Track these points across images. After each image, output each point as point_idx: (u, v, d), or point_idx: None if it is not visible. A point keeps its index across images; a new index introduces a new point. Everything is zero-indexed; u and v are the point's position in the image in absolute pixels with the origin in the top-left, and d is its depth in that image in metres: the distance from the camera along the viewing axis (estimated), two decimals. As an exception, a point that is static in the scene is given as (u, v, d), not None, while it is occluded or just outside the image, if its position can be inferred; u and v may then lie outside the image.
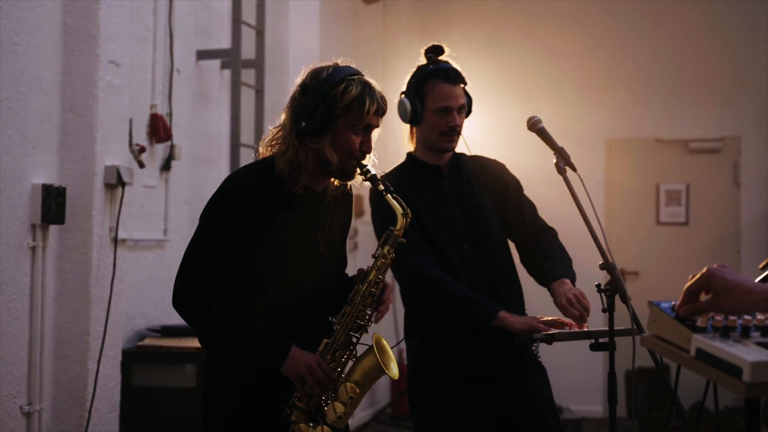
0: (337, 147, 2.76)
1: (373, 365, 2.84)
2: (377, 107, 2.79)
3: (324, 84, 2.76)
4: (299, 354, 2.73)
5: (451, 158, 3.48)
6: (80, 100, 4.16)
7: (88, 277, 4.15)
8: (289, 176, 2.78)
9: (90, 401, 4.12)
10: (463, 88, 3.44)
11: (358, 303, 2.81)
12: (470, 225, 3.40)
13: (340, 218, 2.99)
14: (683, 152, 8.47)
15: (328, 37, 6.99)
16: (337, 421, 2.79)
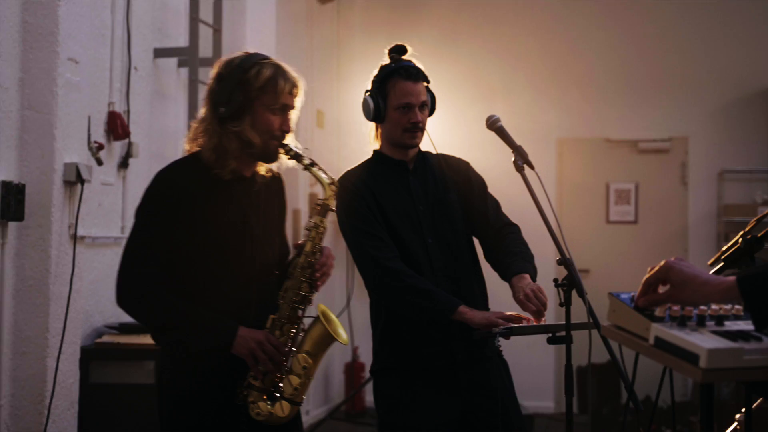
0: (257, 128, 2.88)
1: (322, 334, 2.96)
2: (291, 87, 2.91)
3: (237, 69, 2.89)
4: (247, 332, 2.82)
5: (417, 155, 3.55)
6: (39, 97, 4.15)
7: (47, 274, 4.14)
8: (215, 162, 2.89)
9: (49, 398, 4.11)
10: (426, 86, 3.51)
11: (297, 275, 2.93)
12: (434, 219, 3.46)
13: (273, 203, 3.09)
14: (632, 152, 8.62)
15: (284, 36, 7.03)
16: (294, 394, 2.89)
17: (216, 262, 2.88)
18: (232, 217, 2.91)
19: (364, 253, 3.38)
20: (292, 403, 2.89)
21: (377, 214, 3.39)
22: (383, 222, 3.39)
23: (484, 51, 8.78)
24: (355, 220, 3.40)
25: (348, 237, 3.43)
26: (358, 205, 3.39)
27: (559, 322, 3.12)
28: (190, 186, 2.87)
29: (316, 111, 8.08)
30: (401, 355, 3.40)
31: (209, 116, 2.92)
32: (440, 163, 3.58)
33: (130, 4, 5.09)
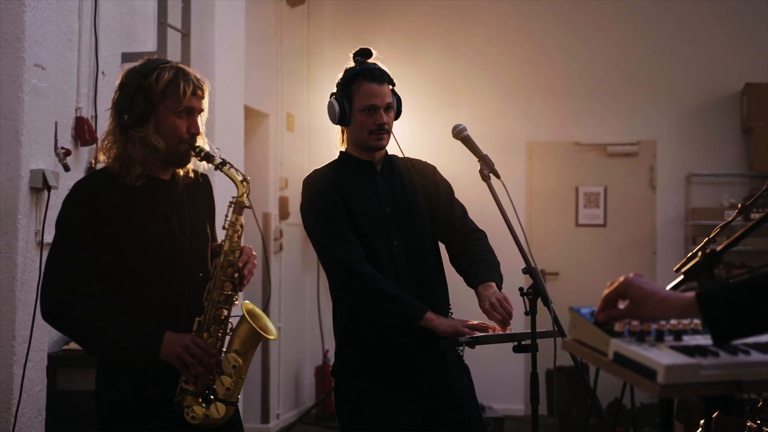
0: (162, 133, 2.88)
1: (249, 332, 2.97)
2: (193, 88, 2.90)
3: (136, 75, 2.90)
4: (173, 337, 2.82)
5: (384, 157, 3.55)
6: (6, 103, 4.13)
7: (13, 281, 4.12)
8: (120, 171, 2.89)
9: (16, 406, 4.10)
10: (391, 89, 3.51)
11: (218, 275, 2.93)
12: (401, 221, 3.46)
13: (198, 204, 3.09)
14: (601, 156, 8.67)
15: (253, 39, 7.02)
16: (227, 394, 2.91)
17: (140, 268, 2.88)
18: (153, 222, 2.91)
19: (331, 255, 3.37)
20: (226, 404, 2.91)
21: (344, 213, 3.39)
22: (349, 222, 3.39)
23: (453, 55, 8.82)
24: (321, 220, 3.39)
25: (314, 237, 3.43)
26: (325, 204, 3.38)
27: (525, 331, 3.14)
28: (103, 196, 2.87)
29: (286, 114, 8.07)
30: (362, 357, 3.40)
31: (113, 125, 2.93)
32: (407, 166, 3.59)
33: (98, 8, 5.06)
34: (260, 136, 7.76)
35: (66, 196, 2.95)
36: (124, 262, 2.87)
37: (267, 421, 7.76)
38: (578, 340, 1.85)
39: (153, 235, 2.90)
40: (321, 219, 3.39)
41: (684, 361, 1.66)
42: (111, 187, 2.88)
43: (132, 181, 2.88)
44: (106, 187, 2.89)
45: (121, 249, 2.86)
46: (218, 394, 2.89)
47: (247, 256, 2.98)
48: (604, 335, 1.77)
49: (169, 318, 2.88)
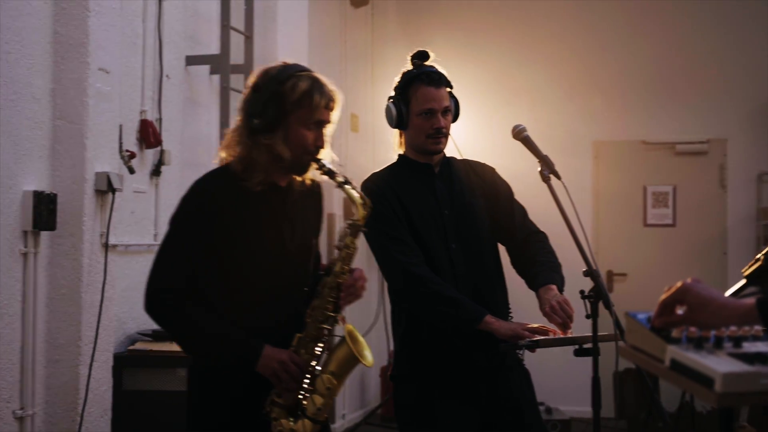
0: (289, 143, 2.81)
1: (347, 355, 2.90)
2: (327, 101, 2.83)
3: (273, 81, 2.82)
4: (272, 352, 2.78)
5: (442, 160, 3.53)
6: (70, 107, 4.20)
7: (79, 282, 4.19)
8: (243, 174, 2.83)
9: (82, 405, 4.16)
10: (449, 92, 3.48)
11: (326, 295, 2.87)
12: (459, 224, 3.43)
13: (309, 213, 3.03)
14: (670, 154, 8.52)
15: (316, 41, 7.03)
16: (317, 413, 2.85)
17: (246, 274, 2.85)
18: (266, 231, 2.87)
19: (389, 258, 3.36)
20: (314, 422, 2.86)
21: (401, 216, 3.37)
22: (407, 225, 3.37)
23: (516, 55, 8.72)
24: (379, 223, 3.35)
25: (372, 241, 3.40)
26: (383, 207, 3.34)
27: (586, 334, 3.09)
28: (223, 198, 2.83)
29: (350, 115, 8.08)
30: (420, 361, 3.38)
31: (242, 126, 2.86)
32: (466, 168, 3.56)
33: (162, 12, 5.13)
34: (324, 137, 7.78)
35: (187, 193, 2.89)
36: (233, 267, 2.84)
37: (333, 421, 7.77)
38: (635, 347, 1.81)
39: (265, 243, 2.86)
40: (379, 222, 3.36)
41: (743, 369, 1.61)
42: (231, 190, 2.83)
43: (253, 186, 2.84)
44: (226, 190, 2.84)
45: (233, 253, 2.82)
46: (308, 412, 2.85)
47: (354, 279, 2.91)
48: (661, 342, 1.73)
49: (269, 328, 2.84)
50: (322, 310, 2.87)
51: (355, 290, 2.92)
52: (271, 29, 5.94)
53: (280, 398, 2.82)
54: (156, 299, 2.83)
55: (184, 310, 2.81)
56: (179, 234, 2.86)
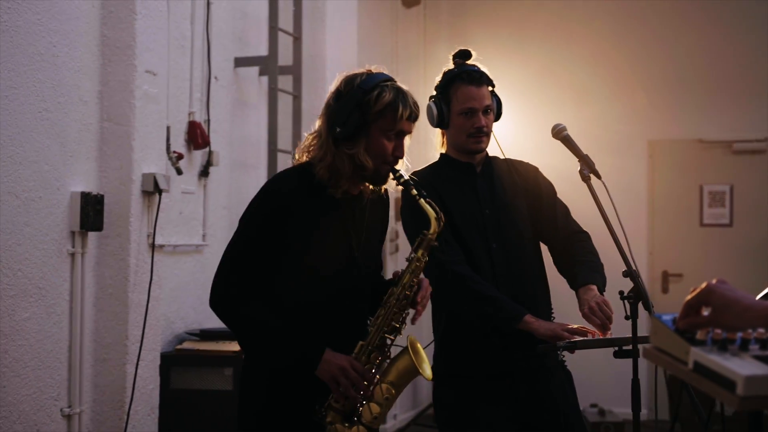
0: (371, 152, 2.81)
1: (408, 366, 2.88)
2: (410, 113, 2.83)
3: (358, 90, 2.81)
4: (332, 357, 2.77)
5: (484, 159, 3.50)
6: (118, 109, 4.26)
7: (126, 282, 4.24)
8: (329, 181, 2.83)
9: (129, 404, 4.21)
10: (491, 91, 3.46)
11: (392, 305, 2.86)
12: (500, 224, 3.41)
13: (376, 222, 3.03)
14: (726, 153, 8.37)
15: (366, 42, 7.03)
16: (373, 422, 2.83)
17: (312, 279, 2.84)
18: (335, 236, 2.87)
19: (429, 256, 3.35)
20: (369, 430, 2.84)
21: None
22: (448, 224, 3.35)
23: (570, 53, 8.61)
24: (419, 221, 3.36)
25: (412, 237, 3.40)
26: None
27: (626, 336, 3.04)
28: (297, 200, 2.82)
29: (403, 116, 8.06)
30: (459, 361, 3.37)
31: (325, 133, 2.86)
32: (508, 167, 3.53)
33: (210, 14, 5.17)
34: (375, 138, 7.79)
35: (260, 191, 2.91)
36: (297, 270, 2.83)
37: (384, 421, 7.76)
38: (659, 348, 1.77)
39: (333, 249, 2.86)
40: (419, 221, 3.36)
41: (766, 372, 1.57)
42: (308, 193, 2.84)
43: (336, 194, 2.84)
44: (303, 192, 2.84)
45: (299, 257, 2.82)
46: (364, 419, 2.82)
47: (424, 290, 2.91)
48: (685, 343, 1.69)
49: (331, 333, 2.84)
50: (388, 320, 2.86)
51: (426, 301, 2.92)
52: (319, 30, 5.96)
53: (338, 403, 2.81)
54: (221, 296, 2.85)
55: (248, 309, 2.82)
56: (248, 232, 2.86)
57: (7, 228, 3.66)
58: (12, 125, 3.69)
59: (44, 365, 3.89)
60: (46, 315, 3.90)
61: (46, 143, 3.88)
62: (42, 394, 3.88)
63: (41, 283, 3.86)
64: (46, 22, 3.88)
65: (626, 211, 3.37)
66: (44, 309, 3.88)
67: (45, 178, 3.88)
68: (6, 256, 3.65)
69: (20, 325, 3.74)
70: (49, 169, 3.91)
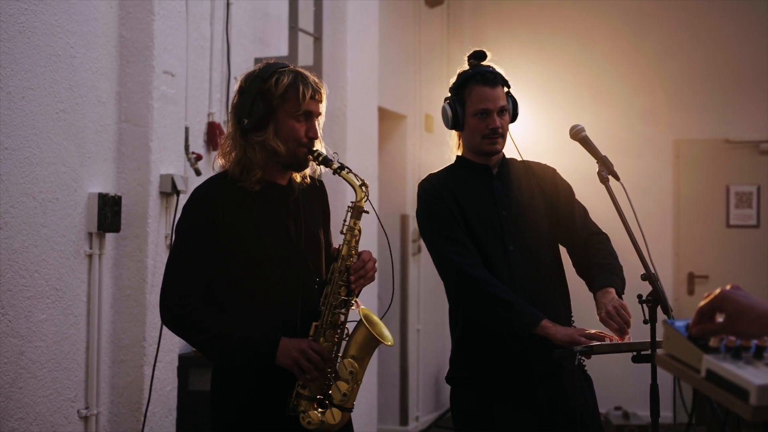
0: (281, 136, 2.87)
1: (366, 337, 2.93)
2: (312, 92, 2.88)
3: (256, 80, 2.89)
4: (289, 342, 2.81)
5: (501, 160, 3.46)
6: (136, 110, 4.25)
7: (143, 283, 4.24)
8: (241, 175, 2.88)
9: (146, 405, 4.20)
10: (507, 91, 3.42)
11: (336, 280, 2.91)
12: (518, 226, 3.36)
13: (314, 208, 3.07)
14: (754, 153, 8.27)
15: (387, 41, 7.00)
16: (343, 399, 2.88)
17: (258, 274, 2.87)
18: (271, 228, 2.90)
19: (446, 259, 3.31)
20: (342, 410, 2.88)
21: (458, 217, 3.31)
22: (464, 226, 3.32)
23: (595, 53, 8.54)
24: (435, 224, 3.33)
25: (429, 241, 3.37)
26: (439, 208, 3.32)
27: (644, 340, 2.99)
28: (225, 201, 2.87)
29: (425, 116, 8.04)
30: (476, 365, 3.33)
31: (233, 129, 2.93)
32: (525, 169, 3.48)
33: (230, 14, 5.15)
34: (397, 138, 7.76)
35: (186, 202, 2.97)
36: (242, 268, 2.87)
37: (406, 423, 7.74)
38: (671, 355, 1.72)
39: (271, 241, 2.90)
40: (435, 223, 3.33)
41: (781, 381, 1.52)
42: (230, 192, 2.88)
43: (251, 186, 2.88)
44: (225, 192, 2.89)
45: (240, 254, 2.86)
46: (334, 400, 2.87)
47: (363, 261, 2.94)
48: (698, 351, 1.64)
49: (285, 324, 2.87)
50: (335, 296, 2.90)
51: (365, 272, 2.93)
52: (340, 30, 5.92)
53: (305, 389, 2.85)
54: (170, 309, 2.87)
55: (199, 316, 2.84)
56: (185, 243, 2.91)
57: (24, 229, 3.66)
58: (29, 126, 3.68)
59: (61, 367, 3.89)
60: (63, 316, 3.90)
61: (63, 144, 3.88)
62: (59, 395, 3.88)
63: (58, 285, 3.86)
64: (63, 23, 3.88)
65: (651, 212, 3.34)
66: (61, 310, 3.88)
67: (62, 179, 3.88)
68: (23, 257, 3.65)
69: (37, 326, 3.74)
70: (66, 171, 3.90)
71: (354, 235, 2.93)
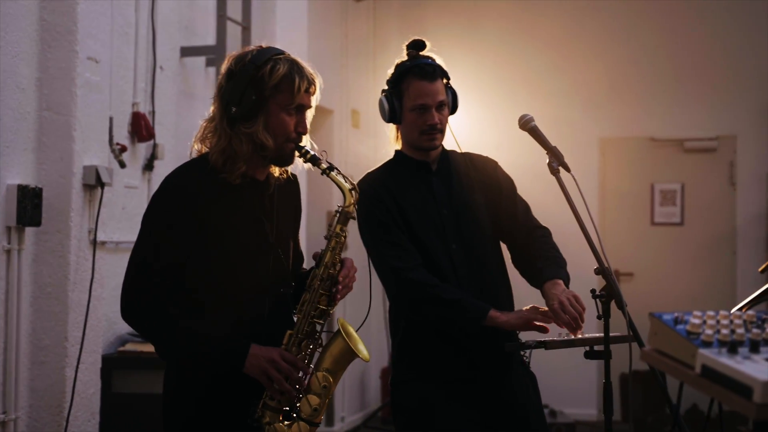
0: (271, 130, 2.67)
1: (342, 350, 2.75)
2: (308, 85, 2.69)
3: (249, 66, 2.67)
4: (259, 350, 2.62)
5: (440, 154, 3.35)
6: (58, 97, 4.04)
7: (65, 280, 4.03)
8: (223, 166, 2.67)
9: (68, 409, 4.01)
10: (446, 84, 3.30)
11: (317, 288, 2.71)
12: (459, 223, 3.26)
13: (288, 208, 2.89)
14: (678, 151, 8.34)
15: (316, 34, 6.86)
16: (314, 414, 2.69)
17: (226, 272, 2.68)
18: (245, 225, 2.71)
19: (385, 264, 3.18)
20: (310, 425, 2.69)
21: (398, 219, 3.19)
22: (405, 227, 3.19)
23: (524, 48, 8.52)
24: (374, 227, 3.20)
25: (368, 246, 3.23)
26: (378, 211, 3.19)
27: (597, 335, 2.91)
28: (199, 192, 2.66)
29: (351, 111, 7.90)
30: (420, 366, 3.21)
31: (219, 115, 2.70)
32: (466, 162, 3.37)
33: (155, 1, 4.95)
34: (324, 133, 7.61)
35: (158, 189, 2.73)
36: (215, 264, 2.67)
37: (332, 423, 7.60)
38: (660, 351, 1.62)
39: (247, 238, 2.71)
40: (374, 227, 3.20)
41: (785, 377, 1.42)
42: (208, 183, 2.67)
43: (233, 179, 2.68)
44: (202, 183, 2.67)
45: (214, 250, 2.66)
46: (303, 414, 2.68)
47: (347, 269, 2.76)
48: (691, 345, 1.55)
49: (252, 326, 2.69)
50: (315, 305, 2.71)
51: (348, 281, 2.76)
52: (269, 20, 5.77)
53: (273, 401, 2.66)
54: (131, 303, 2.66)
55: (162, 312, 2.63)
56: (153, 233, 2.69)
57: (-63, 222, 3.43)
58: (-57, 112, 3.46)
59: (-23, 369, 3.67)
60: (-20, 315, 3.68)
61: (-20, 132, 3.66)
62: (-25, 399, 3.66)
63: (-26, 282, 3.64)
64: (-20, 3, 3.66)
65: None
66: (-23, 309, 3.66)
67: (-21, 169, 3.66)
68: (-64, 252, 3.43)
69: (-49, 326, 3.52)
70: (-17, 160, 3.68)
71: (339, 242, 2.74)
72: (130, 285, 2.66)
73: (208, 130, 2.74)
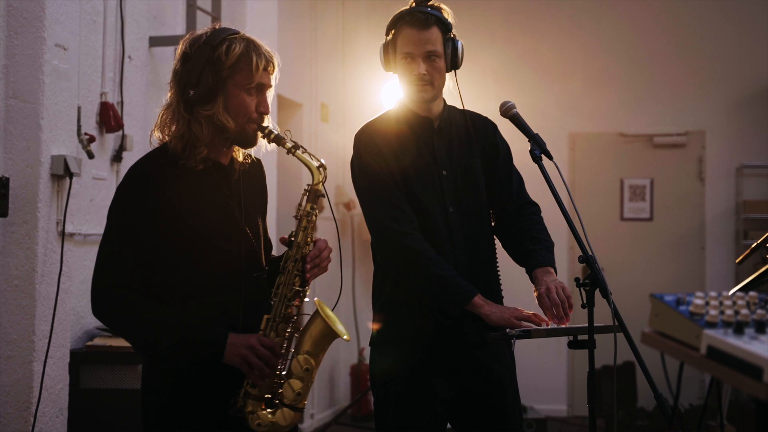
0: (231, 111, 2.62)
1: (322, 331, 2.70)
2: (266, 63, 2.64)
3: (205, 47, 2.61)
4: (237, 338, 2.56)
5: (442, 112, 3.26)
6: (25, 85, 3.93)
7: (33, 273, 3.92)
8: (183, 152, 2.61)
9: (35, 405, 3.90)
10: (446, 36, 3.21)
11: (291, 269, 2.67)
12: (458, 186, 3.18)
13: (255, 192, 2.83)
14: (647, 147, 8.36)
15: (286, 28, 6.78)
16: (297, 399, 2.65)
17: (198, 259, 2.61)
18: (213, 210, 2.65)
19: (379, 223, 3.11)
20: (293, 410, 2.64)
21: (397, 177, 3.11)
22: (403, 185, 3.11)
23: (493, 40, 8.49)
24: (372, 184, 3.12)
25: (362, 200, 3.16)
26: (378, 168, 3.10)
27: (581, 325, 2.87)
28: (163, 180, 2.59)
29: (321, 104, 7.83)
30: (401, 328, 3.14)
31: (176, 100, 2.64)
32: (466, 123, 3.29)
33: (124, -11, 4.85)
34: (294, 127, 7.52)
35: (123, 180, 2.67)
36: (180, 253, 2.60)
37: (301, 421, 7.52)
38: (661, 332, 1.58)
39: (212, 224, 2.64)
40: (372, 183, 3.12)
41: (795, 357, 1.38)
42: (172, 171, 2.61)
43: (194, 164, 2.61)
44: (166, 171, 2.61)
45: (179, 238, 2.59)
46: (286, 399, 2.63)
47: (319, 249, 2.71)
48: (695, 326, 1.50)
49: (227, 313, 2.63)
50: (289, 287, 2.66)
51: (321, 261, 2.71)
52: (239, 10, 5.68)
53: (255, 389, 2.59)
54: (103, 298, 2.59)
55: (136, 306, 2.57)
56: (120, 225, 2.62)
57: None
58: None
59: (-58, 363, 3.56)
60: (-56, 308, 3.57)
61: (-56, 120, 3.55)
62: (-61, 394, 3.55)
63: (-61, 274, 3.53)
64: (-56, -13, 3.55)
65: (547, 203, 3.22)
66: (-58, 302, 3.56)
67: (-57, 158, 3.55)
68: None
69: None
70: (-53, 149, 3.57)
71: (310, 222, 2.69)
72: (100, 280, 2.60)
73: (166, 116, 2.67)
